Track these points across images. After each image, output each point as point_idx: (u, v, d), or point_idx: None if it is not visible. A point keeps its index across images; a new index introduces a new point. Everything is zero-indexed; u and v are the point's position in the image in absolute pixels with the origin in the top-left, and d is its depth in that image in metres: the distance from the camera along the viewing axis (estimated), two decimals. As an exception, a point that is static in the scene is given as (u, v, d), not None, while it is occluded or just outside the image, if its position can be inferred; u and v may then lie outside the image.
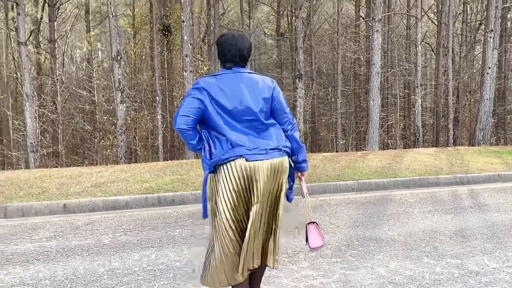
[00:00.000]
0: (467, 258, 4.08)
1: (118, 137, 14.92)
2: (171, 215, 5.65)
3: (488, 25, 15.56)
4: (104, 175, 7.67)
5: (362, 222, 5.27)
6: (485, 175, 7.99)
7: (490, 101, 15.67)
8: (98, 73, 23.22)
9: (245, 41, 2.87)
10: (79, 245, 4.50)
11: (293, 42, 21.55)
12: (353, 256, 4.14)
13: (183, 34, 13.87)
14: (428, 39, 27.60)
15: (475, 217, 5.51)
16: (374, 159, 9.61)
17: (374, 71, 14.13)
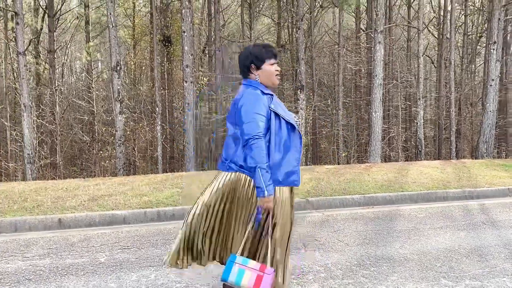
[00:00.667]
0: (487, 280, 3.84)
1: (117, 148, 14.67)
2: (171, 231, 5.39)
3: (491, 37, 15.43)
4: (101, 188, 7.42)
5: (372, 239, 5.02)
6: (495, 189, 7.75)
7: (493, 113, 15.49)
8: (98, 84, 23.04)
9: (241, 54, 2.93)
10: (73, 263, 4.24)
11: (294, 53, 21.43)
12: (366, 277, 3.89)
13: (183, 45, 13.71)
14: (428, 52, 27.54)
15: (489, 234, 5.27)
16: (379, 172, 9.37)
17: (376, 83, 13.94)
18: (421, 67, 17.35)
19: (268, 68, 2.89)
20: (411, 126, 23.54)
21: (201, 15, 26.12)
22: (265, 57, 2.89)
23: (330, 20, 28.44)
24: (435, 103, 24.17)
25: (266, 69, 2.88)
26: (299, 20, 16.82)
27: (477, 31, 25.16)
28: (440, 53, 22.46)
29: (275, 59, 2.90)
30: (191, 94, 13.93)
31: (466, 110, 24.24)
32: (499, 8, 15.35)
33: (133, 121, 19.85)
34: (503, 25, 17.59)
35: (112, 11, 14.07)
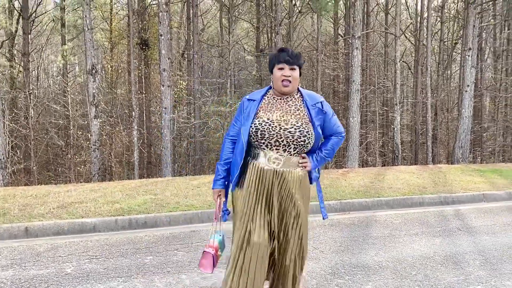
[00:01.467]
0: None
1: (92, 153, 14.39)
2: (142, 239, 5.23)
3: (466, 44, 15.65)
4: (72, 194, 7.20)
5: (347, 247, 4.95)
6: (470, 195, 7.79)
7: (468, 119, 15.69)
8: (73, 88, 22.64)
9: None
10: (38, 274, 4.06)
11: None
12: (340, 286, 3.81)
13: (161, 48, 13.54)
14: (405, 58, 27.86)
15: (464, 241, 5.25)
16: (356, 177, 9.36)
17: (354, 88, 13.98)
18: (398, 73, 17.50)
19: (275, 72, 2.84)
20: (388, 131, 23.73)
21: (180, 18, 25.96)
22: (274, 61, 2.85)
23: (309, 25, 28.57)
24: (411, 109, 24.45)
25: (274, 73, 2.85)
26: (278, 25, 16.81)
27: (452, 37, 25.57)
28: (416, 59, 22.72)
29: (285, 63, 2.79)
30: (169, 98, 13.76)
31: (442, 115, 24.56)
32: (474, 15, 15.57)
33: (109, 125, 19.53)
34: (478, 32, 17.88)
35: (88, 13, 13.83)
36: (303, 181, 2.86)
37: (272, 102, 2.86)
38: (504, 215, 6.68)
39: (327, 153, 2.94)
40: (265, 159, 2.76)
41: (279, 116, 2.77)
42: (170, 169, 13.86)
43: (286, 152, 2.76)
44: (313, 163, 2.88)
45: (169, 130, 13.76)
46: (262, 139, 2.74)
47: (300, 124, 2.75)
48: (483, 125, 23.87)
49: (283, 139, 2.72)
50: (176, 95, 19.00)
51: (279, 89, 2.83)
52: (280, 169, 2.77)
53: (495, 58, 25.11)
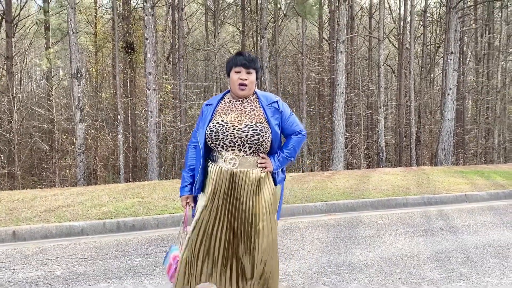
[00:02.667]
0: (444, 285, 3.91)
1: (77, 157, 14.31)
2: (131, 242, 5.27)
3: (448, 48, 15.93)
4: (59, 198, 7.19)
5: (333, 247, 5.05)
6: (453, 196, 7.96)
7: (451, 121, 15.96)
8: (58, 91, 22.48)
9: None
10: (27, 277, 4.08)
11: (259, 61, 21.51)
12: (326, 284, 3.90)
13: (146, 52, 13.55)
14: (389, 61, 28.22)
15: (447, 240, 5.39)
16: (342, 179, 9.49)
17: (338, 92, 14.15)
18: (382, 76, 17.73)
19: (232, 75, 2.89)
20: (373, 134, 24.00)
21: (165, 22, 25.93)
22: (231, 64, 2.90)
23: (294, 29, 28.77)
24: (396, 112, 24.75)
25: (231, 76, 2.90)
26: (263, 29, 16.93)
27: (435, 41, 25.97)
28: (400, 63, 23.05)
29: (242, 67, 2.85)
30: (154, 101, 13.76)
31: (426, 118, 24.94)
32: (455, 19, 15.87)
33: (94, 129, 19.42)
34: (460, 36, 18.23)
35: (72, 17, 13.78)
36: (263, 181, 2.88)
37: (228, 105, 2.92)
38: (485, 214, 6.85)
39: (289, 152, 2.97)
40: (222, 160, 2.81)
41: (233, 118, 2.83)
42: (156, 173, 13.86)
43: (241, 152, 2.80)
44: (274, 163, 2.91)
45: (155, 134, 13.77)
46: (217, 140, 2.79)
47: (254, 123, 2.80)
48: (465, 128, 24.29)
49: (237, 139, 2.77)
50: (162, 99, 18.99)
51: (235, 92, 2.89)
52: (236, 169, 2.80)
53: (476, 62, 25.58)
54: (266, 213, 2.87)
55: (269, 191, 2.90)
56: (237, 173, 2.80)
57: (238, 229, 2.87)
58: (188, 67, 24.96)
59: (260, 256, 2.86)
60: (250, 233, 2.85)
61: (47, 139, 21.83)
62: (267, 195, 2.88)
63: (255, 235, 2.84)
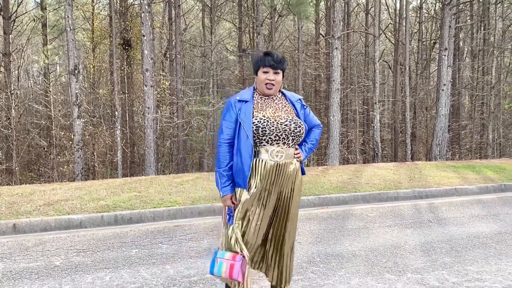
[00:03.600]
0: (428, 273, 4.09)
1: (75, 153, 14.46)
2: (128, 234, 5.44)
3: (442, 44, 16.09)
4: (58, 192, 7.35)
5: (324, 238, 5.23)
6: (443, 189, 8.14)
7: (445, 117, 16.14)
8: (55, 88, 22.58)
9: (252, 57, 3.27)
10: (28, 267, 4.25)
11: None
12: (315, 273, 4.07)
13: (143, 48, 13.68)
14: (385, 57, 28.37)
15: (434, 231, 5.57)
16: (335, 174, 9.66)
17: (334, 88, 14.30)
18: (377, 72, 17.88)
19: (260, 75, 3.04)
20: (368, 130, 24.18)
21: (162, 18, 26.03)
22: (260, 64, 3.03)
23: (290, 25, 28.89)
24: (391, 107, 24.92)
25: (259, 76, 3.04)
26: (259, 25, 17.06)
27: (430, 37, 26.11)
28: (396, 59, 23.20)
29: (270, 68, 2.98)
30: (152, 98, 13.91)
31: (422, 114, 25.11)
32: (449, 16, 16.03)
33: (92, 125, 19.57)
34: (454, 32, 18.37)
35: (70, 14, 13.89)
36: (298, 172, 3.11)
37: (261, 102, 3.07)
38: (473, 207, 7.04)
39: (313, 143, 3.24)
40: (268, 154, 2.95)
41: (272, 113, 3.00)
42: (153, 169, 14.01)
43: (285, 145, 2.98)
44: (303, 153, 3.15)
45: (152, 130, 13.92)
46: (263, 135, 2.92)
47: (291, 117, 3.01)
48: (461, 123, 24.48)
49: (281, 133, 2.94)
50: (159, 95, 19.12)
51: (262, 91, 3.05)
52: (283, 161, 2.98)
53: (472, 58, 25.74)
54: (298, 200, 3.17)
55: (300, 179, 3.17)
56: (282, 165, 2.98)
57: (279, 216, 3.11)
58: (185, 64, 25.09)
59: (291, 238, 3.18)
60: (287, 219, 3.11)
61: (45, 135, 21.96)
62: (299, 183, 3.15)
63: (289, 221, 3.12)
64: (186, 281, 3.89)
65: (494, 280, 3.93)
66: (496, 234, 5.44)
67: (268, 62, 2.98)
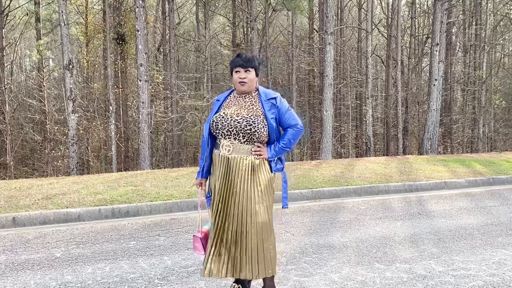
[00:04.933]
0: (416, 263, 4.27)
1: (70, 148, 14.54)
2: (126, 227, 5.58)
3: (434, 39, 16.28)
4: (55, 187, 7.48)
5: (316, 230, 5.40)
6: (432, 183, 8.34)
7: (437, 111, 16.35)
8: (49, 82, 22.57)
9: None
10: (29, 259, 4.38)
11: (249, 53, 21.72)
12: (307, 263, 4.24)
13: (137, 43, 13.75)
14: (378, 52, 28.55)
15: (422, 223, 5.75)
16: (328, 168, 9.84)
17: (327, 83, 14.46)
18: (370, 67, 18.06)
19: (234, 75, 3.30)
20: (361, 124, 24.39)
21: (155, 13, 26.03)
22: (232, 65, 3.31)
23: (284, 20, 28.96)
24: (384, 102, 25.13)
25: (233, 76, 3.31)
26: (253, 20, 17.17)
27: (423, 32, 26.31)
28: (388, 54, 23.38)
29: (240, 67, 3.22)
30: (146, 92, 14.00)
31: (414, 108, 25.34)
32: (441, 11, 16.21)
33: (86, 120, 19.62)
34: (446, 27, 18.56)
35: (64, 8, 13.92)
36: (257, 168, 3.21)
37: (232, 100, 3.33)
38: (462, 200, 7.24)
39: (285, 143, 3.30)
40: (220, 147, 3.22)
41: (234, 111, 3.23)
42: (148, 163, 14.13)
43: (236, 140, 3.17)
44: (270, 152, 3.25)
45: (146, 124, 14.02)
46: (216, 129, 3.20)
47: (249, 115, 3.18)
48: (452, 117, 24.75)
49: (232, 128, 3.15)
50: (153, 90, 19.19)
51: (238, 89, 3.29)
52: (230, 155, 3.18)
53: (464, 53, 25.98)
54: (262, 196, 3.21)
55: (265, 176, 3.24)
56: (231, 159, 3.17)
57: (237, 212, 3.18)
58: (179, 58, 25.14)
59: (256, 237, 3.19)
60: (248, 215, 3.17)
61: (39, 130, 21.98)
62: (262, 180, 3.22)
63: (248, 217, 3.17)
64: (184, 271, 4.05)
65: (478, 269, 4.11)
66: (483, 226, 5.63)
67: (238, 62, 3.23)
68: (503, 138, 27.05)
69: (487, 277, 3.91)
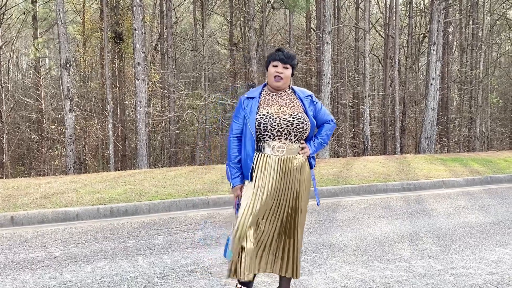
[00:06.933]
0: (415, 261, 4.27)
1: (67, 147, 14.50)
2: (125, 226, 5.57)
3: (431, 38, 16.31)
4: (53, 186, 7.46)
5: (315, 229, 5.40)
6: (431, 182, 8.36)
7: (434, 110, 16.39)
8: (46, 81, 22.51)
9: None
10: (28, 258, 4.37)
11: (246, 52, 21.75)
12: (307, 261, 4.24)
13: (135, 42, 13.72)
14: (375, 51, 28.58)
15: (421, 222, 5.77)
16: (326, 167, 9.84)
17: (324, 82, 14.46)
18: (367, 66, 18.09)
19: (270, 69, 3.17)
20: (358, 123, 24.42)
21: (152, 11, 26.00)
22: (270, 58, 3.18)
23: (282, 19, 28.97)
24: (381, 101, 25.17)
25: (269, 69, 3.18)
26: (251, 19, 17.15)
27: (419, 32, 26.35)
28: (386, 53, 23.41)
29: (280, 61, 3.12)
30: (143, 91, 13.97)
31: (411, 107, 25.40)
32: (438, 10, 16.24)
33: (83, 119, 19.58)
34: (443, 27, 18.60)
35: (61, 7, 13.87)
36: (303, 166, 3.17)
37: (268, 98, 3.19)
38: (460, 199, 7.26)
39: (323, 139, 3.30)
40: (270, 149, 3.08)
41: (276, 109, 3.11)
42: (145, 162, 14.11)
43: (287, 140, 3.08)
44: (311, 148, 3.22)
45: (144, 124, 13.99)
46: (265, 131, 3.05)
47: (296, 113, 3.10)
48: (449, 117, 24.81)
49: (283, 129, 3.05)
50: (151, 89, 19.16)
51: (271, 84, 3.17)
52: (284, 156, 3.08)
53: (460, 52, 26.05)
54: (306, 194, 3.21)
55: (308, 174, 3.22)
56: (285, 160, 3.08)
57: (285, 212, 3.13)
58: (176, 57, 25.11)
59: (299, 231, 3.20)
60: (295, 214, 3.14)
61: (36, 129, 21.92)
62: (307, 177, 3.20)
63: (297, 215, 3.15)
64: (183, 270, 4.04)
65: (477, 267, 4.13)
66: (481, 225, 5.65)
67: (278, 56, 3.12)
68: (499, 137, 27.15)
69: (486, 276, 3.92)
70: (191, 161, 22.33)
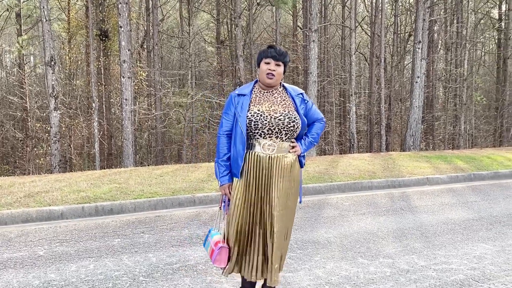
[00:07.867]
0: (398, 257, 4.33)
1: (52, 146, 14.36)
2: (110, 224, 5.55)
3: (416, 37, 16.44)
4: (37, 184, 7.39)
5: (301, 226, 5.43)
6: (415, 179, 8.45)
7: (419, 108, 16.53)
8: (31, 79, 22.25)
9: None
10: (11, 257, 4.33)
11: (233, 49, 21.71)
12: (292, 258, 4.27)
13: (120, 40, 13.62)
14: (361, 49, 28.73)
15: (405, 219, 5.83)
16: (312, 164, 9.89)
17: (311, 80, 14.51)
18: (353, 64, 18.19)
19: (262, 66, 3.13)
20: (345, 121, 24.54)
21: (138, 9, 25.81)
22: (262, 55, 3.14)
23: (268, 17, 28.96)
24: (367, 99, 25.33)
25: (261, 67, 3.14)
26: (237, 17, 17.13)
27: (405, 30, 26.55)
28: (372, 51, 23.54)
29: (272, 59, 3.08)
30: (129, 89, 13.88)
31: (397, 105, 25.58)
32: (423, 9, 16.38)
33: (68, 117, 19.39)
34: (428, 25, 18.76)
35: (45, 4, 13.72)
36: (294, 165, 3.16)
37: (259, 96, 3.16)
38: (444, 196, 7.35)
39: (313, 137, 3.29)
40: (260, 147, 3.05)
41: (268, 107, 3.09)
42: (131, 160, 14.03)
43: (278, 138, 3.06)
44: (302, 147, 3.21)
45: (130, 122, 13.91)
46: (256, 129, 3.02)
47: (287, 112, 3.08)
48: (434, 114, 25.04)
49: (274, 127, 3.03)
50: (137, 87, 19.05)
51: (263, 81, 3.14)
52: (274, 154, 3.05)
53: (445, 50, 26.29)
54: (295, 193, 3.19)
55: (298, 172, 3.21)
56: (275, 158, 3.05)
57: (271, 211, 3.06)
58: (162, 55, 24.99)
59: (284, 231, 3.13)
60: (283, 213, 3.09)
61: (20, 127, 21.67)
62: (296, 175, 3.19)
63: (284, 214, 3.10)
64: (168, 268, 4.04)
65: (460, 263, 4.19)
66: (464, 221, 5.73)
67: (271, 53, 3.09)
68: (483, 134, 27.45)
69: (468, 271, 3.99)
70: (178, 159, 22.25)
